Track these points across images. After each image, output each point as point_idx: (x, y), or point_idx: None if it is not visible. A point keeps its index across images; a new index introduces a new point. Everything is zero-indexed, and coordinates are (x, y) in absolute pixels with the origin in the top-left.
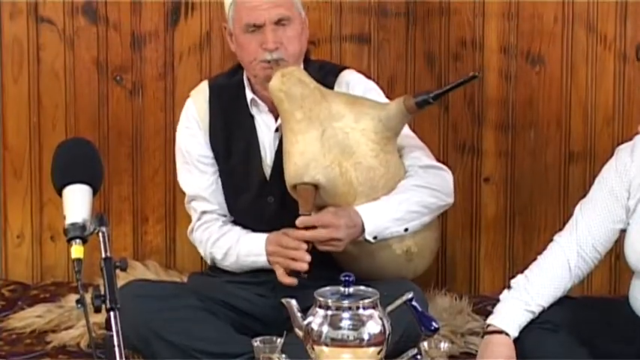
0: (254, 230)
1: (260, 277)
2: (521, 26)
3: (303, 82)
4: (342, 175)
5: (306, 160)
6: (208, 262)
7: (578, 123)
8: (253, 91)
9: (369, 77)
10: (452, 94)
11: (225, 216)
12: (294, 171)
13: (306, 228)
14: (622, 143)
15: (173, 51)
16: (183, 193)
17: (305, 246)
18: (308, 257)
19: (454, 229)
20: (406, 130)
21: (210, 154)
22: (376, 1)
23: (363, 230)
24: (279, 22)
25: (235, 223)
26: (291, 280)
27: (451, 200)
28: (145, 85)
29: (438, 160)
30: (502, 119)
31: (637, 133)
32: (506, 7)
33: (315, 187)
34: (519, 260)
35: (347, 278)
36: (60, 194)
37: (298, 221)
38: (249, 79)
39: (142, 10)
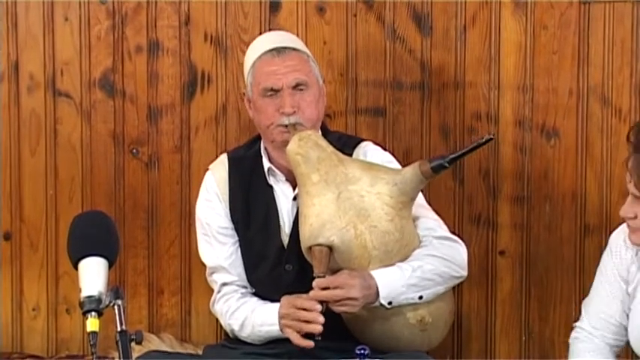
0: (273, 300)
1: (275, 348)
2: (536, 99)
3: (320, 146)
4: (356, 237)
5: (322, 221)
6: (229, 334)
7: (594, 196)
8: (270, 161)
9: (384, 149)
10: (467, 168)
11: (245, 287)
12: (310, 232)
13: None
14: None
15: (189, 124)
16: (203, 266)
17: (319, 307)
18: (321, 319)
19: (469, 301)
20: (421, 200)
21: (229, 225)
22: (391, 74)
23: (378, 295)
24: (296, 87)
25: (255, 294)
26: (308, 343)
27: (465, 273)
28: (160, 158)
29: (453, 233)
30: (517, 192)
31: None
32: (521, 81)
33: (330, 249)
34: (535, 334)
35: (362, 351)
36: (76, 267)
37: (314, 283)
38: (266, 149)
39: (159, 84)
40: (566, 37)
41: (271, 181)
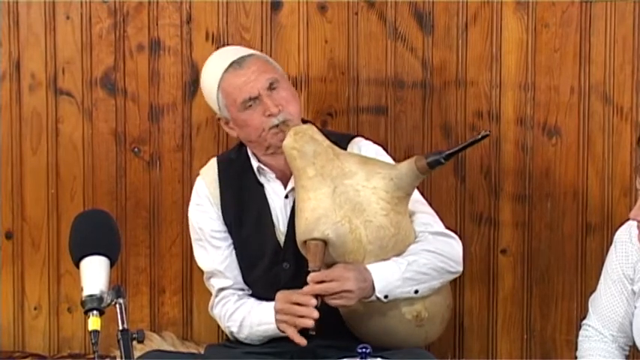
0: (271, 300)
1: (277, 347)
2: (537, 97)
3: (316, 140)
4: (351, 232)
5: (317, 215)
6: (229, 336)
7: (596, 194)
8: (259, 161)
9: (385, 148)
10: (468, 166)
11: (242, 290)
12: (305, 226)
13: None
14: None
15: (191, 123)
16: (202, 271)
17: (314, 301)
18: (316, 314)
19: (471, 300)
20: (417, 196)
21: (222, 228)
22: (393, 72)
23: (374, 289)
24: (270, 87)
25: (253, 295)
26: (301, 340)
27: (460, 268)
28: (162, 157)
29: (454, 231)
30: (519, 190)
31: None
32: (522, 79)
33: (325, 243)
34: (537, 331)
35: (364, 350)
36: (77, 266)
37: (309, 277)
38: (254, 153)
39: (160, 82)
40: (567, 35)
41: (262, 180)
